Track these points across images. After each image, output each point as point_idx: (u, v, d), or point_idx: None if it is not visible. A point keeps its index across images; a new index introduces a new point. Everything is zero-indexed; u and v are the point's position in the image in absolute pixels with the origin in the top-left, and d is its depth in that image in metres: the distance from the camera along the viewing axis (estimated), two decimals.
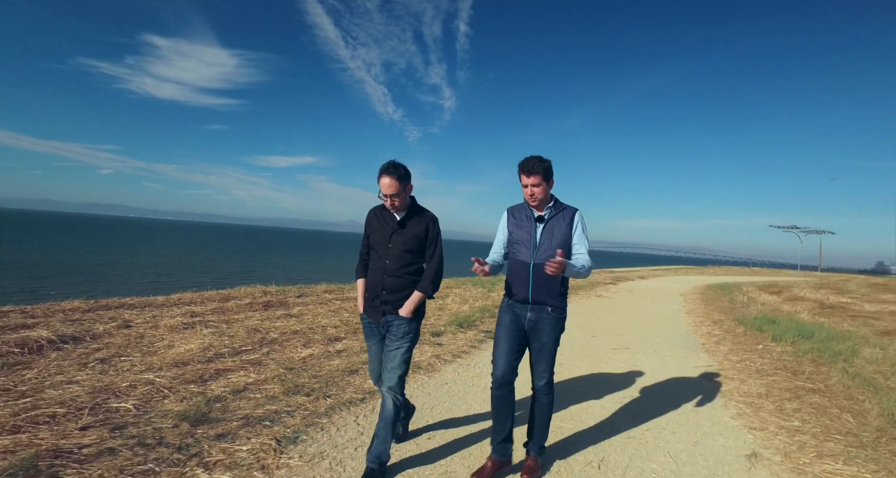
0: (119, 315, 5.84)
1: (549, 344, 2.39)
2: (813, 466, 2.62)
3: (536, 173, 2.31)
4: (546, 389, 2.44)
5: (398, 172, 2.30)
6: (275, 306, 7.28)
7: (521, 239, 2.42)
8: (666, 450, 2.81)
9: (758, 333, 6.73)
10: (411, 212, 2.45)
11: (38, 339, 4.39)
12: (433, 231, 2.45)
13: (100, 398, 3.07)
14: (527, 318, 2.40)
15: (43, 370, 3.62)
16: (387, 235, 2.40)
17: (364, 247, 2.54)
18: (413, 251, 2.40)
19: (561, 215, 2.42)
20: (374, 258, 2.44)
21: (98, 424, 2.68)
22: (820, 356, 5.12)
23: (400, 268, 2.37)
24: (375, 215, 2.49)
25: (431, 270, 2.43)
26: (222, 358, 4.32)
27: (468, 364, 4.60)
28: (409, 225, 2.42)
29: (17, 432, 2.50)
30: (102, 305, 6.42)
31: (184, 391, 3.33)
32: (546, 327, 2.38)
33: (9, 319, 5.15)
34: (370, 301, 2.44)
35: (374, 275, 2.42)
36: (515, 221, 2.49)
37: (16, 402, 2.92)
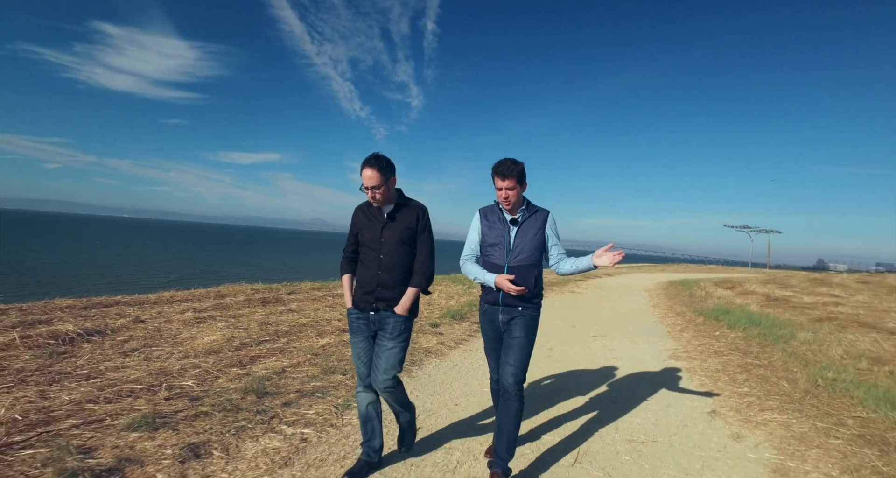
0: (123, 312, 6.06)
1: (521, 339, 2.37)
2: (756, 417, 3.40)
3: (511, 177, 2.32)
4: (516, 390, 2.33)
5: (379, 163, 2.27)
6: (271, 302, 7.62)
7: (495, 241, 2.42)
8: (646, 410, 3.53)
9: (715, 322, 7.70)
10: (399, 204, 2.41)
11: (67, 332, 4.66)
12: (423, 221, 2.42)
13: (161, 379, 3.48)
14: (500, 320, 2.43)
15: (90, 358, 3.96)
16: (377, 229, 2.36)
17: (350, 245, 2.48)
18: (407, 243, 2.37)
19: (534, 218, 2.45)
20: (367, 254, 2.39)
21: (175, 396, 3.12)
22: (765, 340, 6.07)
23: (396, 262, 2.34)
24: (363, 212, 2.44)
25: (423, 264, 2.39)
26: (248, 347, 4.74)
27: (470, 349, 5.23)
28: (398, 217, 2.38)
29: (112, 402, 2.92)
30: (97, 302, 6.59)
31: (231, 373, 3.77)
32: (517, 325, 2.39)
33: (14, 316, 5.31)
34: (362, 296, 2.38)
35: (369, 271, 2.37)
36: (488, 223, 2.48)
37: (88, 382, 3.31)
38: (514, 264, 2.37)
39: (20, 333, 4.44)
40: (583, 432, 3.06)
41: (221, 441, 2.56)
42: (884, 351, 4.89)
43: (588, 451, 2.78)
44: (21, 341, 4.27)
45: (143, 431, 2.59)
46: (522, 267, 2.37)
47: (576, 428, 3.11)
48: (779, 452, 2.80)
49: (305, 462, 2.43)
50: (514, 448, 2.35)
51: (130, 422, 2.65)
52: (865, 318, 7.41)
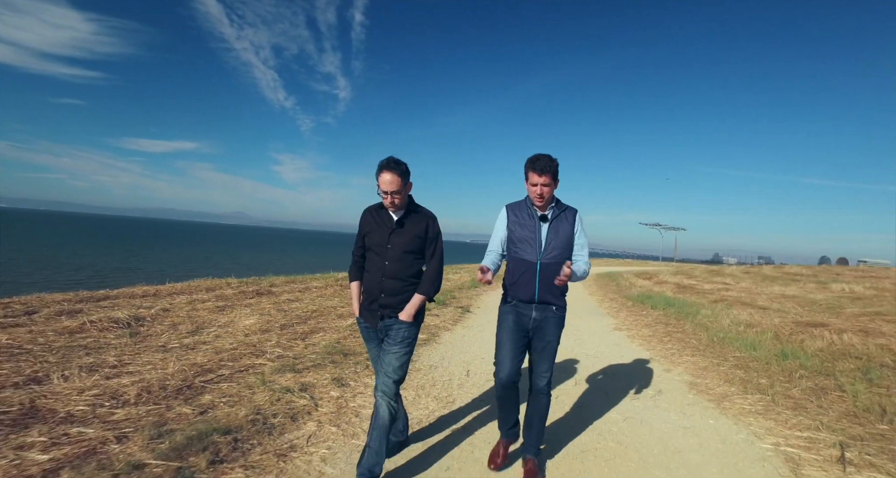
0: (139, 303, 6.61)
1: (553, 342, 2.45)
2: (677, 359, 5.19)
3: (548, 173, 2.33)
4: (546, 389, 2.46)
5: (399, 168, 2.24)
6: (265, 294, 8.42)
7: (525, 238, 2.43)
8: (609, 359, 5.18)
9: (641, 305, 9.84)
10: (409, 210, 2.39)
11: (121, 318, 5.35)
12: (433, 230, 2.40)
13: (248, 348, 4.45)
14: (532, 317, 2.43)
15: (167, 337, 4.79)
16: (385, 235, 2.33)
17: (358, 249, 2.47)
18: (414, 251, 2.35)
19: (564, 215, 2.47)
20: (373, 260, 2.37)
21: (277, 358, 4.16)
22: (679, 316, 8.16)
23: (400, 270, 2.32)
24: (371, 215, 2.41)
25: (432, 271, 2.39)
26: (285, 328, 5.71)
27: (468, 326, 6.67)
28: (407, 224, 2.35)
29: (237, 361, 3.93)
30: (87, 296, 6.98)
31: (300, 345, 4.82)
32: (550, 326, 2.43)
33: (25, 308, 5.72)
34: (367, 305, 2.38)
35: (373, 277, 2.35)
36: (517, 219, 2.48)
37: (194, 351, 4.22)
38: (547, 261, 2.39)
39: (90, 318, 5.10)
40: (574, 376, 4.61)
41: (354, 376, 3.74)
42: (754, 320, 7.07)
43: (578, 381, 4.32)
44: (91, 325, 4.95)
45: (289, 372, 3.69)
46: (553, 264, 2.38)
47: (569, 377, 4.64)
48: (692, 375, 4.56)
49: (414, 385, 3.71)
50: (543, 436, 2.54)
51: (274, 369, 3.73)
52: (745, 299, 9.95)
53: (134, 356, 4.07)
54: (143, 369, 3.70)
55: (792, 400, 3.71)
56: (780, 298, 10.04)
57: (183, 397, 3.20)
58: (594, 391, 4.00)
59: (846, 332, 5.74)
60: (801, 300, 9.44)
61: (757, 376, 4.37)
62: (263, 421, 2.86)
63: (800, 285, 12.94)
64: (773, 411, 3.51)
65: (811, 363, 4.57)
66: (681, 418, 3.37)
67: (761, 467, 2.63)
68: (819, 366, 4.49)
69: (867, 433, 3.02)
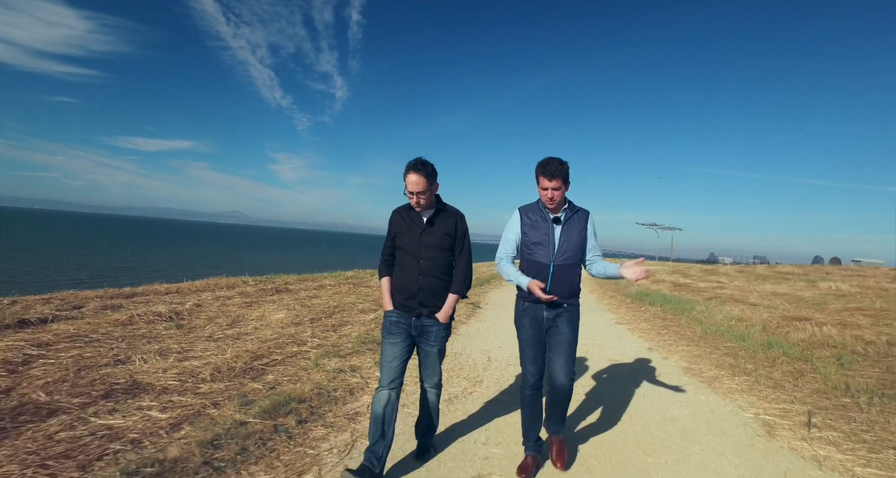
0: (161, 299, 7.08)
1: (567, 335, 2.50)
2: (674, 348, 5.79)
3: (558, 177, 2.38)
4: (568, 385, 2.50)
5: (426, 169, 2.33)
6: (284, 292, 8.95)
7: (539, 240, 2.50)
8: (614, 348, 5.77)
9: (640, 302, 10.46)
10: (438, 210, 2.48)
11: (162, 312, 5.86)
12: (461, 228, 2.50)
13: (287, 339, 4.99)
14: (544, 317, 2.52)
15: (211, 329, 5.31)
16: (417, 234, 2.43)
17: (388, 248, 2.57)
18: (446, 248, 2.46)
19: (576, 217, 2.54)
20: (406, 259, 2.46)
21: (318, 347, 4.71)
22: (675, 311, 8.78)
23: (434, 267, 2.43)
24: (401, 216, 2.51)
25: (462, 270, 2.50)
26: (315, 321, 6.25)
27: (481, 320, 7.25)
28: (437, 223, 2.45)
29: (283, 348, 4.48)
30: (116, 293, 7.46)
31: (333, 335, 5.36)
32: (564, 322, 2.51)
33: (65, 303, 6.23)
34: (403, 300, 2.46)
35: (409, 275, 2.44)
36: (530, 222, 2.54)
37: (240, 340, 4.76)
38: (560, 263, 2.47)
39: (135, 311, 5.62)
40: (582, 363, 5.19)
41: None
42: (745, 315, 7.69)
43: (586, 367, 4.91)
44: (138, 318, 5.48)
45: (335, 357, 4.25)
46: (567, 266, 2.48)
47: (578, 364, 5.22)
48: (686, 362, 5.16)
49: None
50: (565, 417, 2.68)
51: (319, 354, 4.29)
52: (738, 296, 10.58)
53: (190, 344, 4.60)
54: (205, 355, 4.23)
55: (773, 381, 4.31)
56: (770, 295, 10.69)
57: (250, 376, 3.75)
58: (600, 375, 4.59)
59: (826, 325, 6.37)
60: (790, 297, 10.09)
61: (744, 362, 4.97)
62: (327, 394, 3.42)
63: (790, 284, 13.62)
64: (756, 389, 4.11)
65: (792, 351, 5.18)
66: (677, 396, 3.96)
67: (743, 430, 3.22)
68: (799, 353, 5.10)
69: (832, 405, 3.62)
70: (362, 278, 11.88)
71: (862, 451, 2.82)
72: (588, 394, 3.94)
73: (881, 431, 3.09)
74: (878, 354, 4.89)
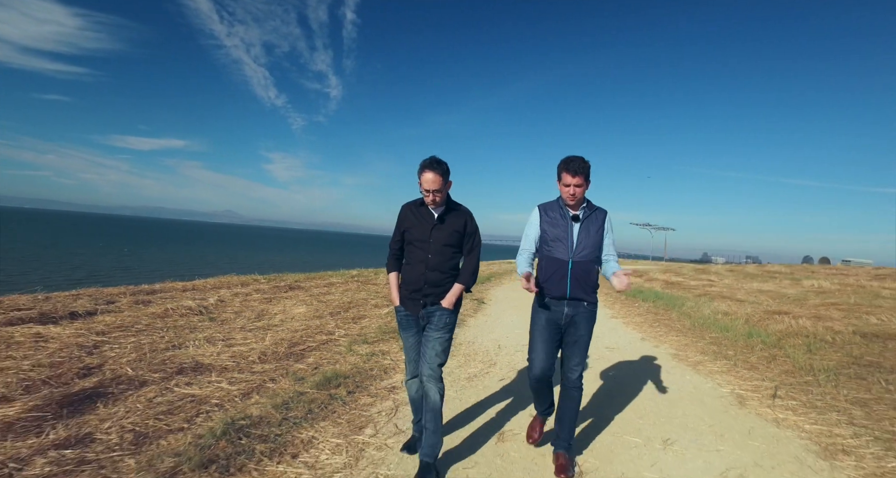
0: (182, 295, 7.55)
1: (585, 336, 2.57)
2: (664, 338, 6.43)
3: (581, 174, 2.44)
4: (578, 382, 2.60)
5: (441, 167, 2.42)
6: (297, 289, 9.47)
7: (558, 237, 2.56)
8: (610, 339, 6.39)
9: (633, 298, 11.12)
10: (449, 207, 2.56)
11: (190, 307, 6.39)
12: (471, 226, 2.59)
13: (314, 330, 5.55)
14: (564, 313, 2.56)
15: (243, 321, 5.85)
16: (427, 230, 2.51)
17: (396, 242, 2.64)
18: (453, 245, 2.53)
19: (594, 215, 2.60)
20: (414, 253, 2.55)
21: (343, 337, 5.27)
22: (667, 307, 9.44)
23: (442, 262, 2.51)
24: (411, 211, 2.58)
25: (471, 264, 2.59)
26: (335, 315, 6.81)
27: (487, 314, 7.86)
28: (447, 220, 2.53)
29: (311, 338, 5.05)
30: (136, 290, 7.91)
31: (356, 326, 5.93)
32: (583, 321, 2.56)
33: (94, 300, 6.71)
34: (409, 295, 2.55)
35: (416, 269, 2.53)
36: (549, 219, 2.61)
37: (272, 330, 5.31)
38: (578, 259, 2.54)
39: (169, 306, 6.15)
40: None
41: None
42: (731, 310, 8.36)
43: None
44: (172, 311, 6.01)
45: (364, 344, 4.83)
46: (584, 262, 2.54)
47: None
48: (675, 350, 5.80)
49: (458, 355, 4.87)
50: (574, 430, 2.68)
51: (349, 341, 4.86)
52: (726, 293, 11.28)
53: (229, 334, 5.15)
54: (246, 342, 4.79)
55: (749, 364, 4.95)
56: (756, 292, 11.40)
57: (293, 359, 4.31)
58: (598, 360, 5.21)
59: (802, 317, 7.04)
60: (774, 294, 10.80)
61: (725, 350, 5.62)
62: (365, 372, 4.00)
63: (776, 282, 14.37)
64: (734, 371, 4.75)
65: (769, 340, 5.83)
66: (665, 375, 4.59)
67: (719, 401, 3.84)
68: (775, 342, 5.75)
69: (796, 381, 4.26)
70: (367, 277, 12.42)
71: (813, 414, 3.46)
72: (587, 374, 4.55)
73: (831, 399, 3.74)
74: (843, 341, 5.54)
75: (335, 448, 2.62)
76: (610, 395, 3.95)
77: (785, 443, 2.99)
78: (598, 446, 2.93)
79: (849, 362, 4.69)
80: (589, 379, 4.40)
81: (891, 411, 3.44)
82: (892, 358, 4.76)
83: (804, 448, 2.91)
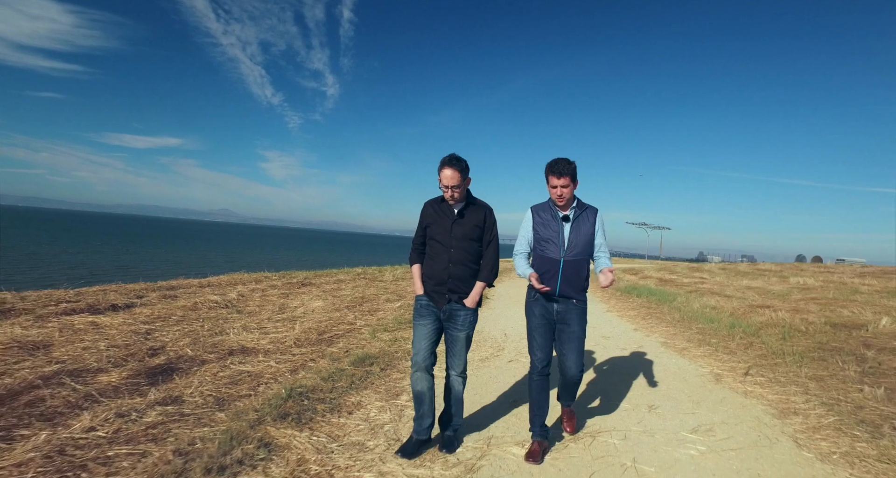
0: (202, 291, 8.06)
1: (578, 332, 2.69)
2: (655, 329, 7.07)
3: (566, 175, 2.55)
4: (579, 376, 2.75)
5: (460, 164, 2.53)
6: (309, 285, 10.05)
7: (549, 237, 2.68)
8: (607, 328, 7.02)
9: (627, 294, 11.78)
10: (468, 202, 2.68)
11: (216, 301, 6.95)
12: (490, 220, 2.70)
13: (336, 322, 6.14)
14: (554, 309, 2.70)
15: (268, 314, 6.43)
16: (448, 225, 2.63)
17: (419, 237, 2.78)
18: (474, 239, 2.64)
19: (585, 215, 2.70)
20: (437, 248, 2.66)
21: (365, 326, 5.86)
22: (659, 302, 10.09)
23: (464, 255, 2.63)
24: (433, 207, 2.71)
25: (490, 259, 2.69)
26: (351, 308, 7.39)
27: (490, 308, 8.49)
28: (467, 215, 2.65)
29: (335, 327, 5.64)
30: (155, 287, 8.44)
31: (374, 317, 6.51)
32: (574, 317, 2.68)
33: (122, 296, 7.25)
34: (433, 286, 2.66)
35: (439, 263, 2.64)
36: (541, 220, 2.73)
37: (299, 321, 5.89)
38: (569, 258, 2.66)
39: (196, 300, 6.72)
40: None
41: None
42: (718, 304, 9.02)
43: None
44: (201, 304, 6.57)
45: (385, 332, 5.44)
46: (576, 261, 2.67)
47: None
48: (664, 338, 6.43)
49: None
50: (575, 396, 2.99)
51: (371, 330, 5.46)
52: (716, 290, 11.97)
53: (260, 324, 5.73)
54: (278, 330, 5.38)
55: (728, 350, 5.59)
56: (744, 289, 12.08)
57: (325, 344, 4.91)
58: (595, 347, 5.83)
59: (782, 310, 7.71)
60: (761, 290, 11.49)
61: (710, 338, 6.27)
62: (391, 355, 4.60)
63: (765, 279, 15.08)
64: (715, 355, 5.39)
65: (749, 330, 6.48)
66: (654, 358, 5.22)
67: (699, 379, 4.47)
68: (754, 331, 6.40)
69: (767, 363, 4.90)
70: (373, 275, 13.01)
71: (776, 387, 4.10)
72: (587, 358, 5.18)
73: (794, 376, 4.38)
74: (815, 331, 6.20)
75: (380, 408, 3.23)
76: (605, 374, 4.58)
77: (749, 408, 3.62)
78: (595, 410, 3.55)
79: (815, 348, 5.34)
80: (586, 363, 5.02)
81: (840, 384, 4.08)
82: (853, 344, 5.41)
83: (764, 411, 3.54)
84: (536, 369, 2.73)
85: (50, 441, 2.34)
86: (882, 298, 9.21)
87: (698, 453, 2.81)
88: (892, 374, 4.27)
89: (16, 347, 3.88)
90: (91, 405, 2.85)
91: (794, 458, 2.76)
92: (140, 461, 2.24)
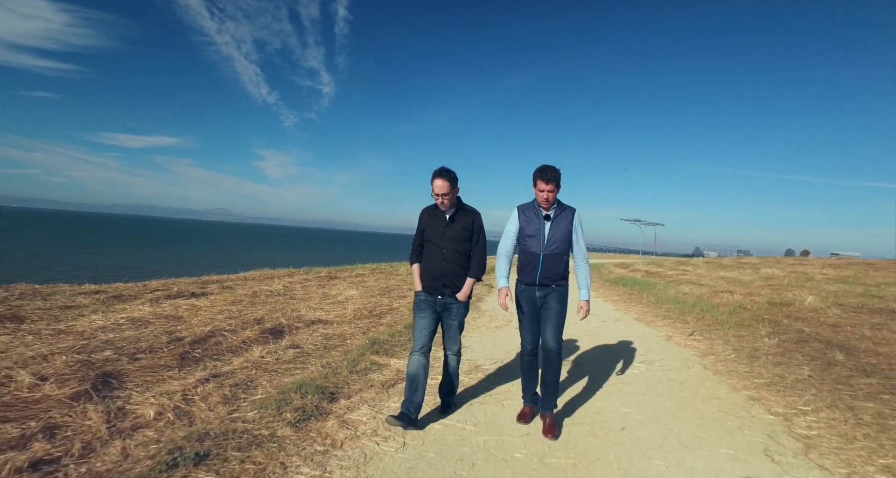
0: (244, 285, 9.63)
1: (556, 307, 3.09)
2: (630, 310, 8.79)
3: (553, 181, 2.98)
4: (557, 350, 3.10)
5: (449, 175, 2.97)
6: (336, 278, 11.63)
7: (532, 233, 3.12)
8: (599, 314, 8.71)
9: (614, 284, 13.55)
10: (458, 209, 3.12)
11: (270, 290, 8.55)
12: (477, 224, 3.14)
13: (376, 307, 7.78)
14: (537, 296, 3.14)
15: (311, 301, 8.06)
16: (440, 229, 3.08)
17: (418, 238, 3.22)
18: (464, 240, 3.10)
19: (564, 214, 3.12)
20: (432, 249, 3.11)
21: (403, 306, 7.51)
22: (642, 291, 11.82)
23: (455, 255, 3.08)
24: (428, 213, 3.17)
25: (477, 258, 3.15)
26: (382, 295, 9.01)
27: (495, 294, 10.16)
28: (457, 219, 3.09)
29: (377, 309, 7.30)
30: (203, 281, 9.98)
31: (402, 303, 8.16)
32: (553, 298, 3.11)
33: (176, 289, 8.84)
34: (430, 282, 3.10)
35: (434, 262, 3.09)
36: (525, 218, 3.16)
37: (342, 304, 7.54)
38: (549, 252, 3.09)
39: (251, 290, 8.34)
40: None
41: None
42: (690, 291, 10.76)
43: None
44: (259, 292, 8.19)
45: None
46: (555, 255, 3.11)
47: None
48: (637, 315, 8.15)
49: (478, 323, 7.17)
50: (557, 394, 3.20)
51: (408, 309, 7.13)
52: (694, 280, 13.73)
53: (316, 306, 7.36)
54: (335, 310, 7.02)
55: (684, 321, 7.33)
56: (718, 279, 13.87)
57: (375, 318, 6.57)
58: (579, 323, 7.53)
59: (738, 294, 9.47)
60: (731, 280, 13.26)
61: (673, 314, 8.00)
62: None
63: (740, 271, 16.88)
64: (672, 325, 7.11)
65: (705, 308, 8.22)
66: (626, 328, 6.93)
67: (655, 339, 6.18)
68: (708, 309, 8.14)
69: (708, 329, 6.64)
70: (387, 270, 14.63)
71: (707, 342, 5.84)
72: (571, 330, 6.88)
73: (724, 335, 6.14)
74: (756, 307, 7.94)
75: None
76: (586, 337, 6.29)
77: (682, 352, 5.35)
78: (579, 353, 5.25)
79: (749, 319, 7.09)
80: (571, 334, 6.73)
81: (753, 339, 5.82)
82: (779, 315, 7.16)
83: (692, 355, 5.27)
84: (526, 350, 3.21)
85: (249, 360, 4.01)
86: (828, 284, 11.00)
87: (640, 371, 4.54)
88: (791, 331, 6.02)
89: (162, 318, 5.51)
90: (250, 347, 4.51)
91: (699, 374, 4.49)
92: (306, 369, 3.91)
